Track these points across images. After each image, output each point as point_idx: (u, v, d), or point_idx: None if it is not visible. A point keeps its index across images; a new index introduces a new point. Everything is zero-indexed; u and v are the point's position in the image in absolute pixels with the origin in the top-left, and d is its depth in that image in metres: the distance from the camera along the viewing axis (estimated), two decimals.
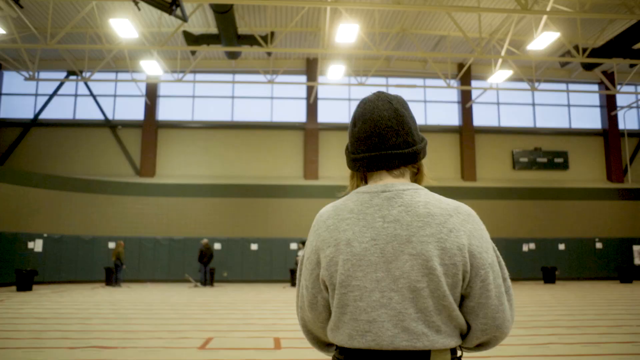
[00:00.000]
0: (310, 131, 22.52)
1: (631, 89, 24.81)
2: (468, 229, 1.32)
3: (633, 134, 24.57)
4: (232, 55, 18.12)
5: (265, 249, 20.73)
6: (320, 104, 23.10)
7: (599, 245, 22.15)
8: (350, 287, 1.30)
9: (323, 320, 1.42)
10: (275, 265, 20.66)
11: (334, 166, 22.59)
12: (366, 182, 1.46)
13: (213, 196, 21.13)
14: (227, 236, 20.77)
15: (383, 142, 1.38)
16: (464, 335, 1.37)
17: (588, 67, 19.51)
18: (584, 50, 17.84)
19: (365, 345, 1.28)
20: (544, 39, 15.38)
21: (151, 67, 17.36)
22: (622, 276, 20.46)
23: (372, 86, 21.54)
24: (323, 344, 1.52)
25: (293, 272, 18.81)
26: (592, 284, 19.94)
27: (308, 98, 22.72)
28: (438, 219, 1.30)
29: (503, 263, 1.40)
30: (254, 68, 22.13)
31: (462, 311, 1.34)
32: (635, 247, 22.28)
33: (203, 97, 22.87)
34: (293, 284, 18.54)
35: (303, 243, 18.78)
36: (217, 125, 22.48)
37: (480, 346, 1.39)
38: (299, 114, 22.98)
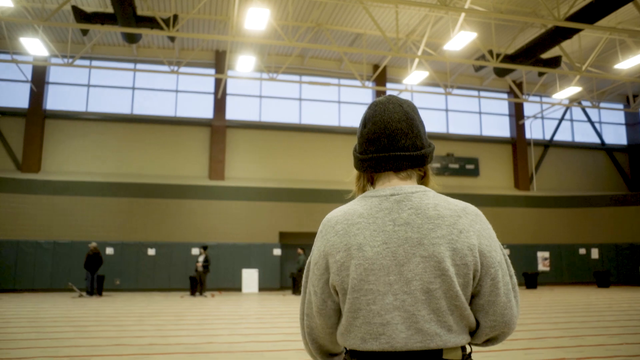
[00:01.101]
0: (217, 128, 21.01)
1: (537, 99, 25.38)
2: (477, 229, 1.35)
3: (538, 143, 25.12)
4: (131, 39, 16.33)
5: (163, 255, 18.96)
6: (229, 100, 21.67)
7: (506, 251, 22.23)
8: (363, 291, 1.31)
9: (332, 325, 1.42)
10: (174, 272, 18.93)
11: (242, 166, 21.23)
12: (372, 184, 1.46)
13: (106, 195, 19.08)
14: (121, 240, 18.80)
15: (392, 143, 1.39)
16: (472, 332, 1.39)
17: (500, 73, 19.49)
18: (498, 55, 17.71)
19: (379, 347, 1.29)
20: (461, 39, 14.94)
21: (34, 46, 15.23)
22: (527, 282, 20.59)
23: (284, 82, 20.48)
24: (326, 354, 1.51)
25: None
26: None
27: (216, 93, 21.23)
28: (448, 220, 1.32)
29: (509, 261, 1.41)
30: (158, 57, 20.35)
31: (471, 309, 1.35)
32: (540, 254, 22.62)
33: (99, 86, 20.74)
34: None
35: (204, 248, 17.24)
36: (114, 118, 20.42)
37: (488, 341, 1.42)
38: (205, 110, 21.42)
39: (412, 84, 19.23)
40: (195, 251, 19.04)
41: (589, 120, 26.24)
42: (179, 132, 20.94)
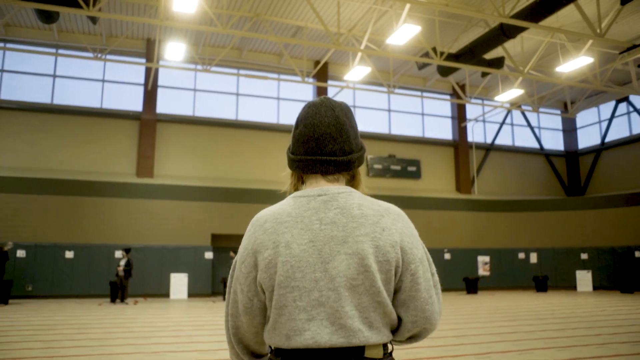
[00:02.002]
0: (146, 122, 19.56)
1: (480, 102, 25.25)
2: (399, 227, 1.38)
3: (480, 146, 24.97)
4: (47, 18, 14.72)
5: (83, 258, 17.36)
6: (160, 92, 20.25)
7: (447, 256, 21.86)
8: (290, 287, 1.33)
9: (257, 324, 1.43)
10: (95, 276, 17.36)
11: (173, 164, 19.86)
12: (303, 182, 1.49)
13: (19, 192, 17.28)
14: (34, 241, 17.06)
15: (320, 147, 1.42)
16: (395, 330, 1.43)
17: (444, 73, 19.05)
18: (442, 54, 17.21)
19: (303, 344, 1.31)
20: (404, 33, 14.27)
21: None
22: (468, 287, 20.21)
23: (219, 74, 19.34)
24: (252, 355, 1.52)
25: (114, 284, 15.69)
26: (442, 295, 19.35)
27: (146, 84, 19.77)
28: (371, 219, 1.37)
29: (431, 260, 1.47)
30: (82, 44, 18.70)
31: (394, 305, 1.39)
32: (480, 258, 22.35)
33: (15, 72, 18.86)
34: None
35: (127, 251, 15.81)
36: (31, 107, 18.61)
37: (411, 339, 1.46)
38: (135, 102, 19.92)
39: (353, 80, 18.47)
40: (118, 254, 17.53)
41: (529, 125, 26.36)
42: (105, 125, 19.35)
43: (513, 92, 19.45)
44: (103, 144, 19.19)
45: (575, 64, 16.67)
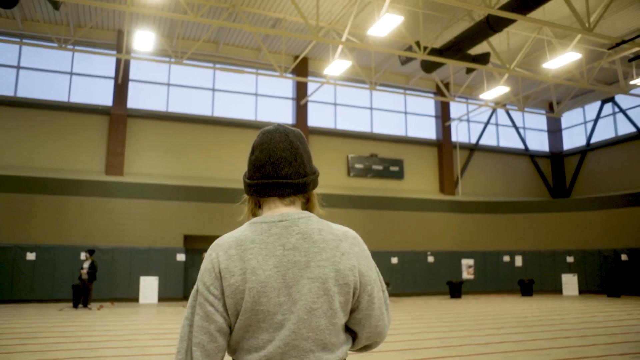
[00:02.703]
0: (116, 117, 18.59)
1: (464, 101, 24.67)
2: (356, 251, 1.46)
3: (464, 146, 24.36)
4: (7, 2, 13.74)
5: (46, 260, 16.32)
6: (132, 86, 19.29)
7: (430, 258, 21.18)
8: (255, 311, 1.38)
9: (217, 347, 1.42)
10: (59, 280, 16.34)
11: (145, 161, 18.92)
12: (260, 207, 1.55)
13: None
14: None
15: (276, 171, 1.48)
16: (348, 344, 1.50)
17: (428, 68, 18.38)
18: (425, 48, 16.52)
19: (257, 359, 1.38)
20: (386, 23, 13.55)
21: None
22: (452, 291, 19.53)
23: (194, 66, 18.49)
24: None
25: (76, 288, 14.65)
26: (425, 299, 18.68)
27: (116, 77, 18.81)
28: (331, 244, 1.43)
29: (382, 277, 1.56)
30: (47, 34, 17.69)
31: (350, 323, 1.48)
32: (464, 261, 21.71)
33: None
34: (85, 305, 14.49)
35: (90, 252, 14.85)
36: None
37: (363, 348, 1.57)
38: (104, 96, 18.93)
39: (333, 75, 17.71)
40: (94, 256, 16.50)
41: (514, 125, 25.83)
42: (72, 120, 18.34)
43: (498, 90, 18.84)
44: (70, 140, 18.18)
45: (563, 60, 16.10)
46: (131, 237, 17.49)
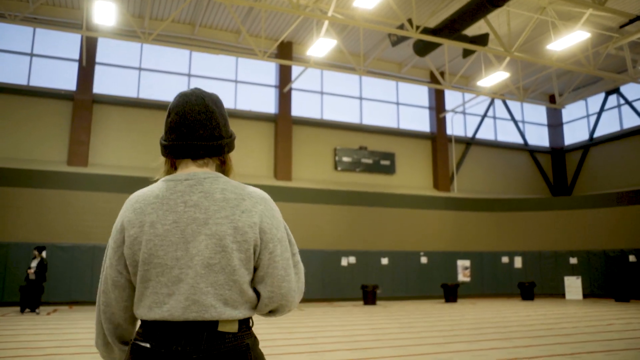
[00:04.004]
0: (81, 103, 16.95)
1: (460, 91, 23.16)
2: (260, 209, 1.49)
3: (460, 140, 22.85)
4: None
5: None
6: (99, 70, 17.67)
7: (423, 259, 19.62)
8: (153, 264, 1.43)
9: (126, 298, 1.51)
10: (11, 280, 14.63)
11: (112, 151, 17.30)
12: (176, 169, 1.58)
13: None
14: None
15: (190, 133, 1.51)
16: (255, 307, 1.53)
17: (421, 51, 16.84)
18: (417, 28, 14.99)
19: (160, 316, 1.41)
20: None
21: None
22: (447, 295, 17.97)
23: (166, 45, 16.91)
24: (119, 339, 1.57)
25: (23, 290, 12.95)
26: (417, 304, 17.11)
27: (80, 60, 17.17)
28: (232, 202, 1.47)
29: (293, 241, 1.58)
30: (2, 10, 16.02)
31: (254, 281, 1.50)
32: (460, 262, 20.17)
33: None
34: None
35: (39, 249, 13.18)
36: None
37: (270, 313, 1.56)
38: (68, 80, 17.28)
39: (317, 56, 16.13)
40: (44, 254, 14.82)
41: (512, 118, 24.35)
42: (31, 104, 16.67)
43: (498, 76, 17.36)
44: (29, 127, 16.52)
45: (569, 40, 14.62)
46: (94, 234, 15.86)
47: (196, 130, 1.50)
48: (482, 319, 11.64)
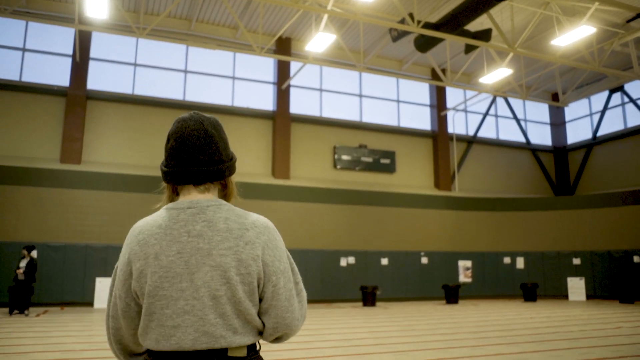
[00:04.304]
0: (74, 99, 16.58)
1: (462, 89, 22.79)
2: (263, 240, 1.48)
3: (461, 138, 22.47)
4: None
5: None
6: (93, 65, 17.30)
7: (424, 260, 19.25)
8: (158, 296, 1.42)
9: (135, 326, 1.51)
10: (2, 281, 14.26)
11: (106, 148, 16.94)
12: (178, 194, 1.57)
13: None
14: None
15: (190, 158, 1.50)
16: (262, 332, 1.54)
17: (422, 47, 16.47)
18: (419, 22, 14.63)
19: (168, 349, 1.40)
20: None
21: None
22: (448, 296, 17.61)
23: (161, 40, 16.49)
24: (130, 354, 1.59)
25: (12, 291, 12.58)
26: (417, 305, 16.75)
27: (74, 55, 16.81)
28: (235, 233, 1.46)
29: (296, 269, 1.58)
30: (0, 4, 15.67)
31: (259, 312, 1.50)
32: (461, 263, 19.80)
33: None
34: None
35: (29, 249, 12.81)
36: None
37: (275, 340, 1.57)
38: (61, 76, 16.92)
39: (316, 51, 15.75)
40: (34, 254, 14.45)
41: (515, 117, 23.98)
42: (23, 100, 16.30)
43: (500, 72, 16.98)
44: (21, 123, 16.15)
45: (574, 35, 14.26)
46: (87, 233, 15.50)
47: (196, 156, 1.51)
48: (485, 322, 11.27)
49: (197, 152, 1.50)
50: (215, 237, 1.44)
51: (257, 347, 1.52)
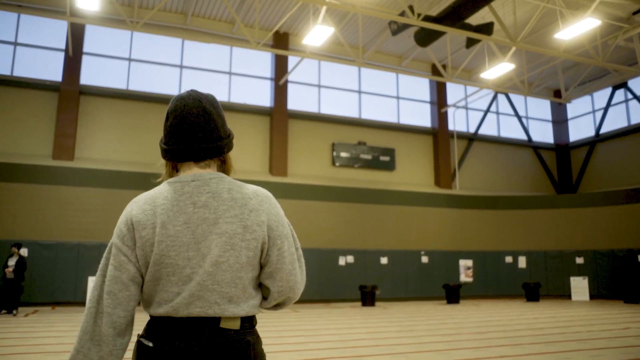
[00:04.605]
0: (67, 94, 16.22)
1: (462, 86, 22.44)
2: (266, 207, 1.54)
3: (462, 136, 22.10)
4: None
5: None
6: (86, 60, 16.94)
7: (424, 259, 18.88)
8: (164, 264, 1.46)
9: (135, 298, 1.51)
10: None
11: (99, 145, 16.58)
12: (177, 171, 1.61)
13: None
14: None
15: (190, 136, 1.54)
16: (263, 299, 1.59)
17: (422, 41, 16.12)
18: (419, 15, 14.26)
19: (165, 311, 1.45)
20: None
21: None
22: (449, 296, 17.24)
23: (156, 34, 16.14)
24: (119, 334, 1.49)
25: (1, 290, 12.21)
26: (417, 305, 16.39)
27: (67, 49, 16.44)
28: (240, 202, 1.51)
29: (296, 236, 1.63)
30: None
31: (262, 277, 1.55)
32: (462, 262, 19.43)
33: None
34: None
35: (18, 246, 12.46)
36: None
37: (277, 306, 1.61)
38: (54, 70, 16.56)
39: (313, 45, 15.36)
40: (23, 252, 14.08)
41: (516, 114, 23.61)
42: (15, 96, 15.93)
43: (502, 67, 16.61)
44: (12, 119, 15.78)
45: (578, 28, 13.90)
46: (79, 230, 15.13)
47: (196, 133, 1.54)
48: (488, 322, 10.91)
49: (196, 129, 1.53)
50: (221, 207, 1.49)
51: (254, 322, 1.53)
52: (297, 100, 19.34)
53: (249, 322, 1.50)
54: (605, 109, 22.39)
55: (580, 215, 19.76)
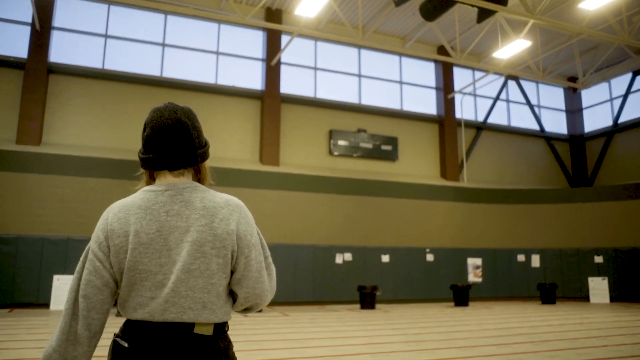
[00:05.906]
0: (33, 72, 14.60)
1: (470, 70, 20.82)
2: (236, 217, 1.59)
3: (470, 124, 20.47)
4: None
5: None
6: (57, 35, 15.34)
7: (430, 257, 17.25)
8: (138, 270, 1.52)
9: (109, 302, 1.57)
10: None
11: (71, 129, 14.99)
12: (154, 179, 1.67)
13: None
14: None
15: (165, 145, 1.59)
16: (231, 308, 1.64)
17: (428, 15, 14.51)
18: None
19: (142, 316, 1.50)
20: None
21: None
22: (457, 298, 15.62)
23: (136, 7, 14.52)
24: (91, 334, 1.54)
25: None
26: (422, 307, 14.77)
27: (33, 23, 14.83)
28: (211, 211, 1.57)
29: (265, 245, 1.69)
30: None
31: (231, 283, 1.61)
32: (470, 260, 17.81)
33: None
34: None
35: None
36: None
37: (245, 310, 1.69)
38: (19, 46, 14.94)
39: (308, 16, 13.72)
40: None
41: (528, 102, 21.97)
42: None
43: (517, 45, 15.01)
44: None
45: None
46: (44, 223, 13.53)
47: (170, 143, 1.59)
48: (508, 329, 9.28)
49: (171, 139, 1.59)
50: (193, 215, 1.55)
51: (226, 328, 1.59)
52: (290, 84, 17.72)
53: (221, 328, 1.55)
54: (625, 97, 20.75)
55: (599, 210, 18.14)
